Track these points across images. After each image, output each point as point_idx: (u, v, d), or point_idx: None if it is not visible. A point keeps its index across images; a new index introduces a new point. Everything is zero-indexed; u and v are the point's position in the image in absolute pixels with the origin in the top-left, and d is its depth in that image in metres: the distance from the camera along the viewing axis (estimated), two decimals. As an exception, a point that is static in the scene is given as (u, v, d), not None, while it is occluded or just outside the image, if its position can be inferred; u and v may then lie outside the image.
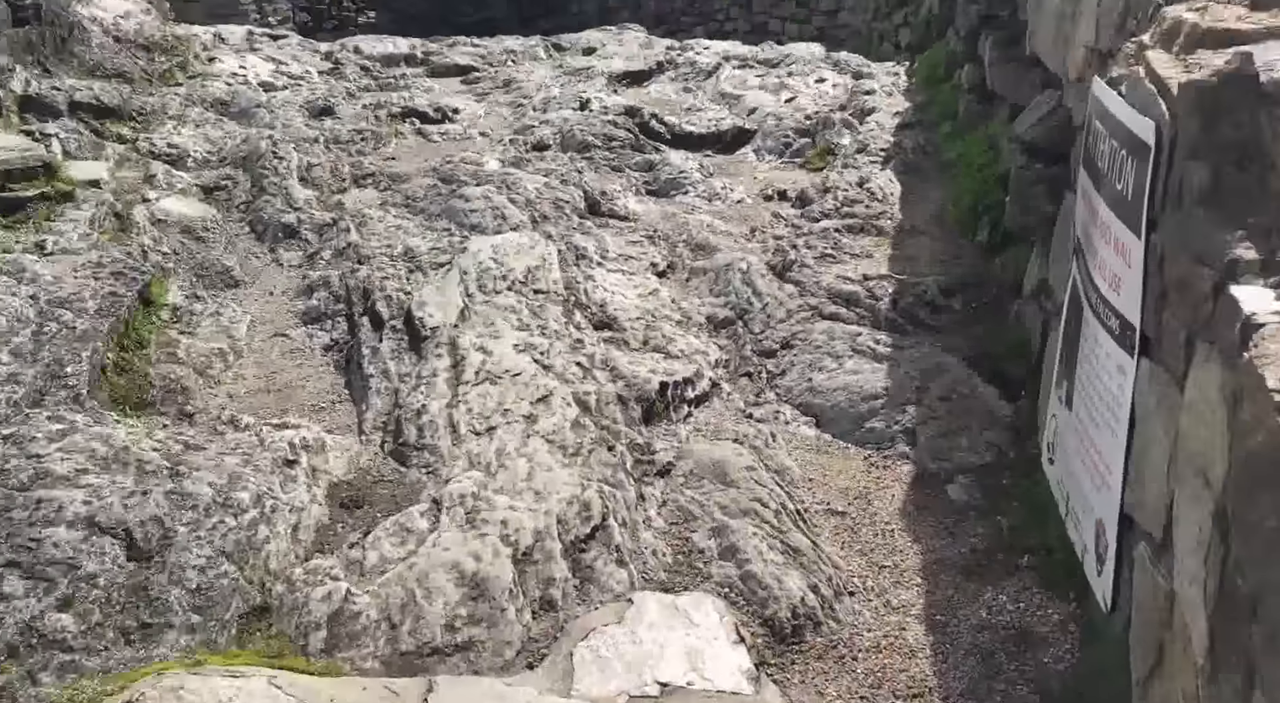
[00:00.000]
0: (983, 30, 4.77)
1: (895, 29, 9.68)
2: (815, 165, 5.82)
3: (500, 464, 3.00)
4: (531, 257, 4.27)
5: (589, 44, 9.73)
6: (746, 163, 6.14)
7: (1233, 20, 2.23)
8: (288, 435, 3.09)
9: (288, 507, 2.73)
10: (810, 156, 5.97)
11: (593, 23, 13.65)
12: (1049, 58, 3.23)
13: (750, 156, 6.25)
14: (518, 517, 2.72)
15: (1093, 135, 2.47)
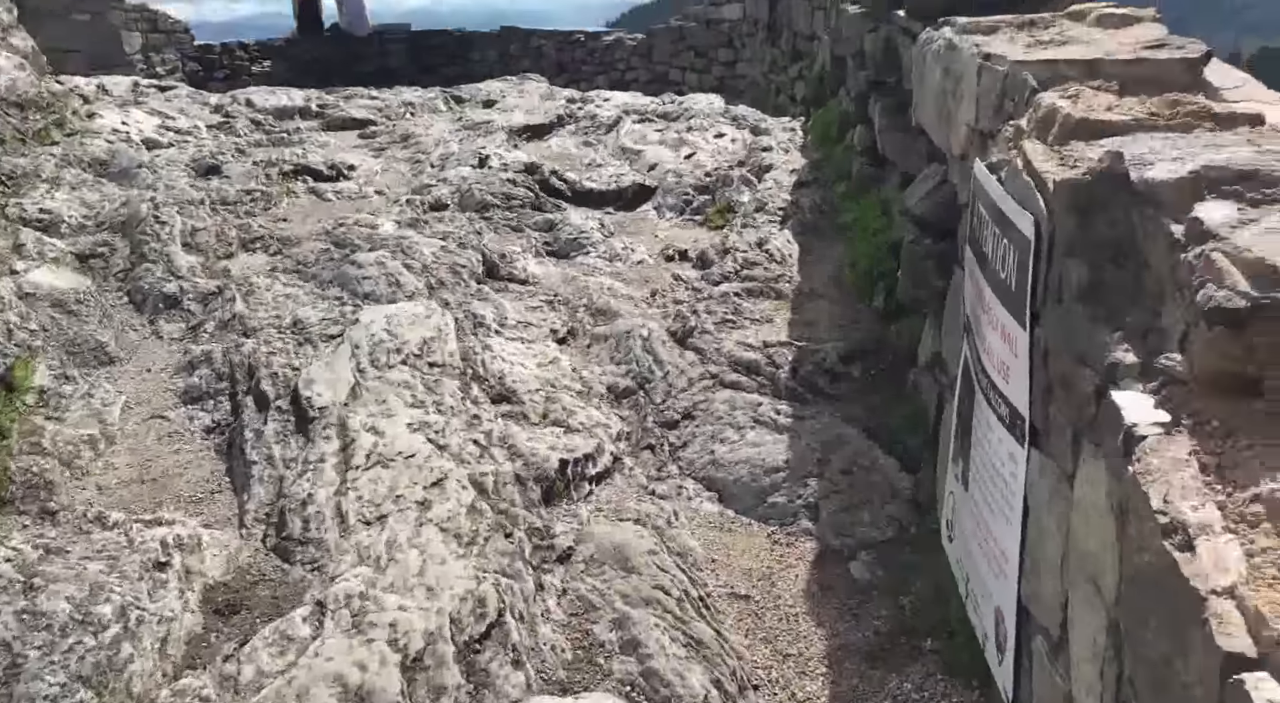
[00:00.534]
0: (872, 94, 4.87)
1: (791, 82, 9.88)
2: (715, 223, 5.85)
3: (391, 558, 2.86)
4: (427, 327, 4.15)
5: (489, 96, 9.68)
6: (648, 220, 6.14)
7: (1103, 110, 2.29)
8: (160, 534, 2.90)
9: (156, 618, 2.54)
10: (710, 214, 6.00)
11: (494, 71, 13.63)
12: (933, 132, 3.29)
13: (651, 214, 6.25)
14: (408, 618, 2.58)
15: (977, 218, 2.50)
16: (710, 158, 6.91)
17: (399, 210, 5.75)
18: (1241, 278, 1.46)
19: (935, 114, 3.23)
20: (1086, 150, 2.06)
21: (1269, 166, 1.79)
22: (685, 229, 5.91)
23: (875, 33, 4.52)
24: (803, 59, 9.55)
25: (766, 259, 4.86)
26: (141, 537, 2.87)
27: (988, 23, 3.30)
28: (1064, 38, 2.95)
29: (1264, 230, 1.58)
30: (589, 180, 6.63)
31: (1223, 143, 2.00)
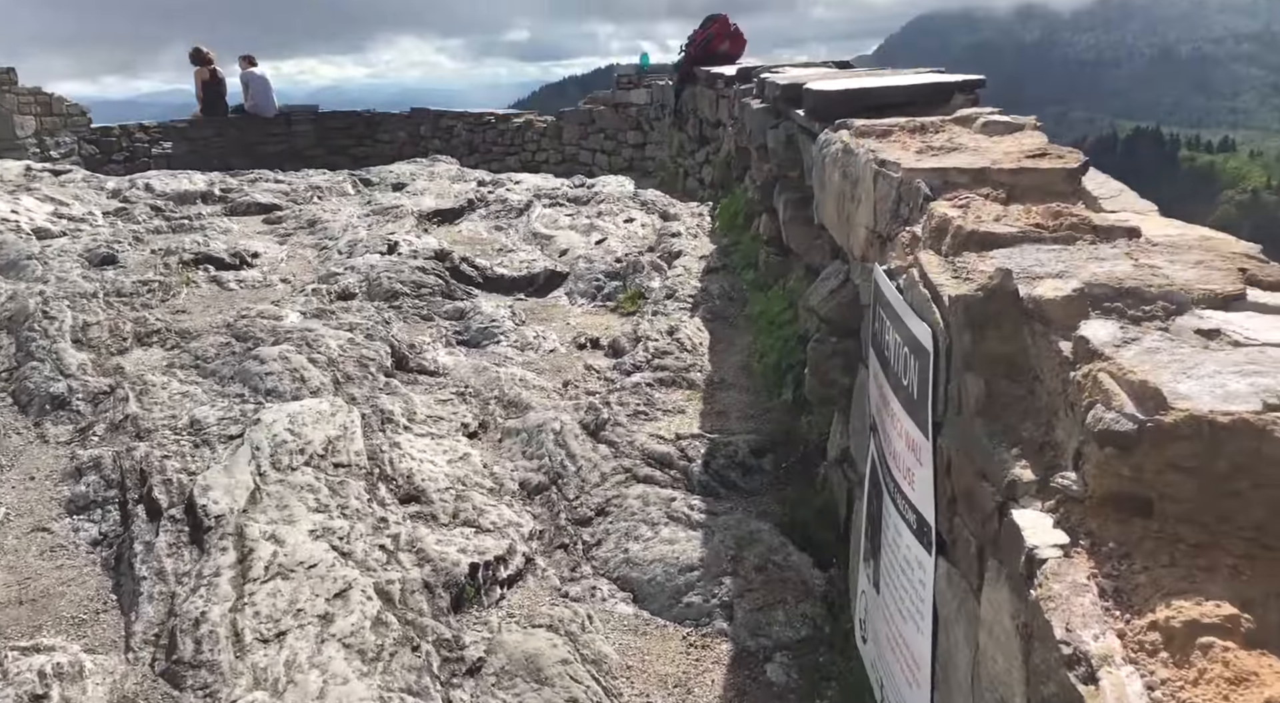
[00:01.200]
0: (776, 185, 5.00)
1: (699, 166, 10.13)
2: (627, 309, 5.88)
3: (290, 680, 2.72)
4: (332, 425, 4.04)
5: (399, 178, 9.69)
6: (560, 307, 6.15)
7: (991, 221, 2.38)
8: (38, 663, 2.71)
9: (31, 763, 2.36)
10: (622, 301, 6.04)
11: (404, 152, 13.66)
12: (835, 231, 3.38)
13: (563, 300, 6.26)
14: (308, 748, 2.46)
15: (879, 321, 2.56)
16: (621, 243, 6.99)
17: (305, 300, 5.65)
18: (1128, 400, 1.51)
19: (836, 214, 3.32)
20: (979, 263, 2.14)
21: (1146, 282, 1.87)
22: (597, 316, 5.93)
23: (777, 128, 4.67)
24: (709, 144, 9.80)
25: (678, 348, 4.89)
26: (17, 667, 2.68)
27: (882, 126, 3.43)
28: (953, 144, 3.08)
29: (1145, 350, 1.65)
30: (500, 266, 6.63)
31: (1104, 256, 2.09)
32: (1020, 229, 2.29)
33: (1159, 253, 2.09)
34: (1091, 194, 2.68)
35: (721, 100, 8.97)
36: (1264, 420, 1.40)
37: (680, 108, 11.16)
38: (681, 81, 11.08)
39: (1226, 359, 1.59)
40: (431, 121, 15.72)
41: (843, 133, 3.50)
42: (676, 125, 11.56)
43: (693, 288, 5.75)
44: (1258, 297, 1.85)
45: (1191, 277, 1.91)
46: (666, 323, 5.24)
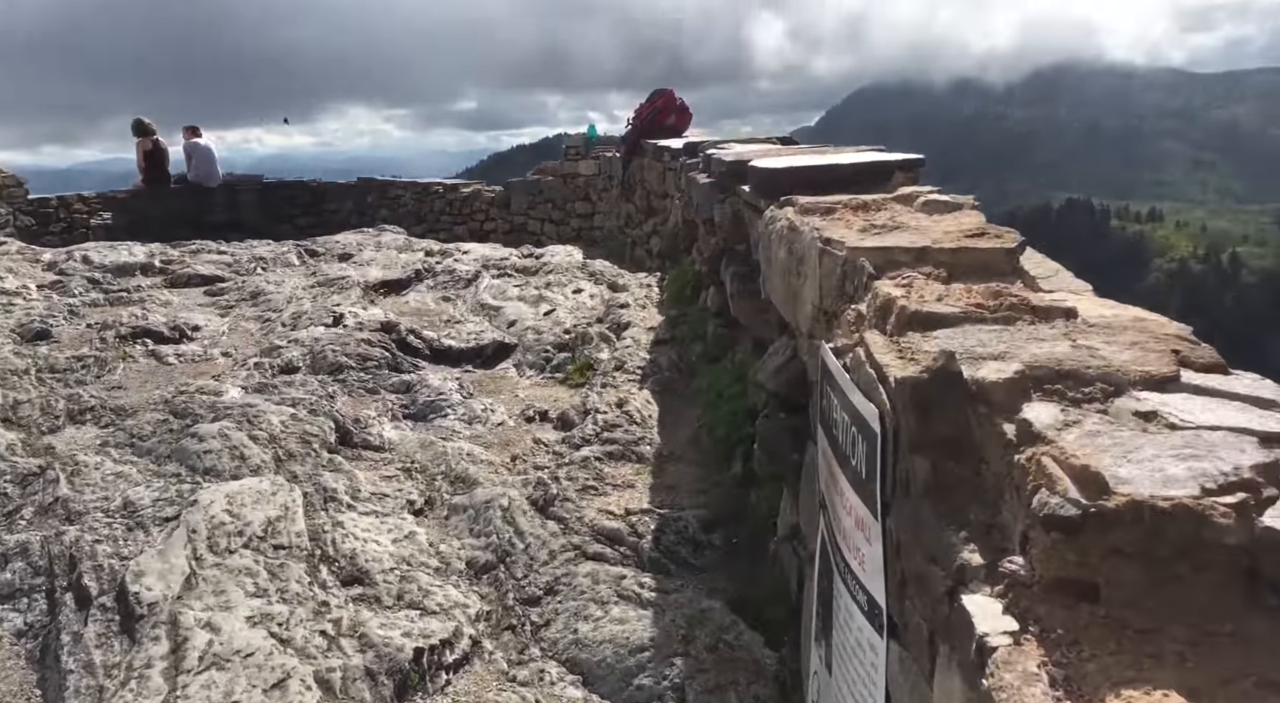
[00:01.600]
0: (723, 259, 5.06)
1: (646, 236, 10.24)
2: (576, 381, 5.87)
3: (224, 779, 2.60)
4: (273, 505, 3.94)
5: (345, 249, 9.64)
6: (508, 379, 6.11)
7: (934, 300, 2.42)
8: (-48, 767, 2.57)
9: None
10: (570, 372, 6.02)
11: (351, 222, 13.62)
12: (782, 307, 3.42)
13: (511, 372, 6.23)
14: None
15: (826, 399, 2.58)
16: (569, 314, 7.00)
17: (246, 374, 5.55)
18: (1071, 485, 1.53)
19: (782, 290, 3.36)
20: (923, 342, 2.17)
21: (1085, 364, 1.91)
22: (546, 388, 5.90)
23: (723, 203, 4.74)
24: (656, 215, 9.93)
25: (627, 421, 4.88)
26: (-72, 773, 2.53)
27: (826, 204, 3.50)
28: (895, 222, 3.16)
29: (1086, 433, 1.67)
30: (448, 338, 6.59)
31: (1043, 337, 2.13)
32: (962, 309, 2.33)
33: (1096, 334, 2.15)
34: (1029, 273, 2.74)
35: (669, 173, 9.12)
36: (1202, 505, 1.42)
37: (628, 179, 11.33)
38: (629, 154, 11.27)
39: (1165, 442, 1.62)
40: (379, 191, 15.72)
41: (788, 210, 3.57)
42: (624, 196, 11.73)
43: (642, 359, 5.76)
44: (1191, 378, 1.90)
45: (1128, 358, 1.96)
46: (615, 395, 5.23)
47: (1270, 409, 1.79)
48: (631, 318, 6.58)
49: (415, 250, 10.18)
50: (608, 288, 7.74)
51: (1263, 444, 1.59)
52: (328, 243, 9.89)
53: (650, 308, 6.94)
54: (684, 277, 6.51)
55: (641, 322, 6.50)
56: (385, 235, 11.27)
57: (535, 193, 15.29)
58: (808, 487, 3.01)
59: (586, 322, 6.78)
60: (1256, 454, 1.56)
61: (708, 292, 5.70)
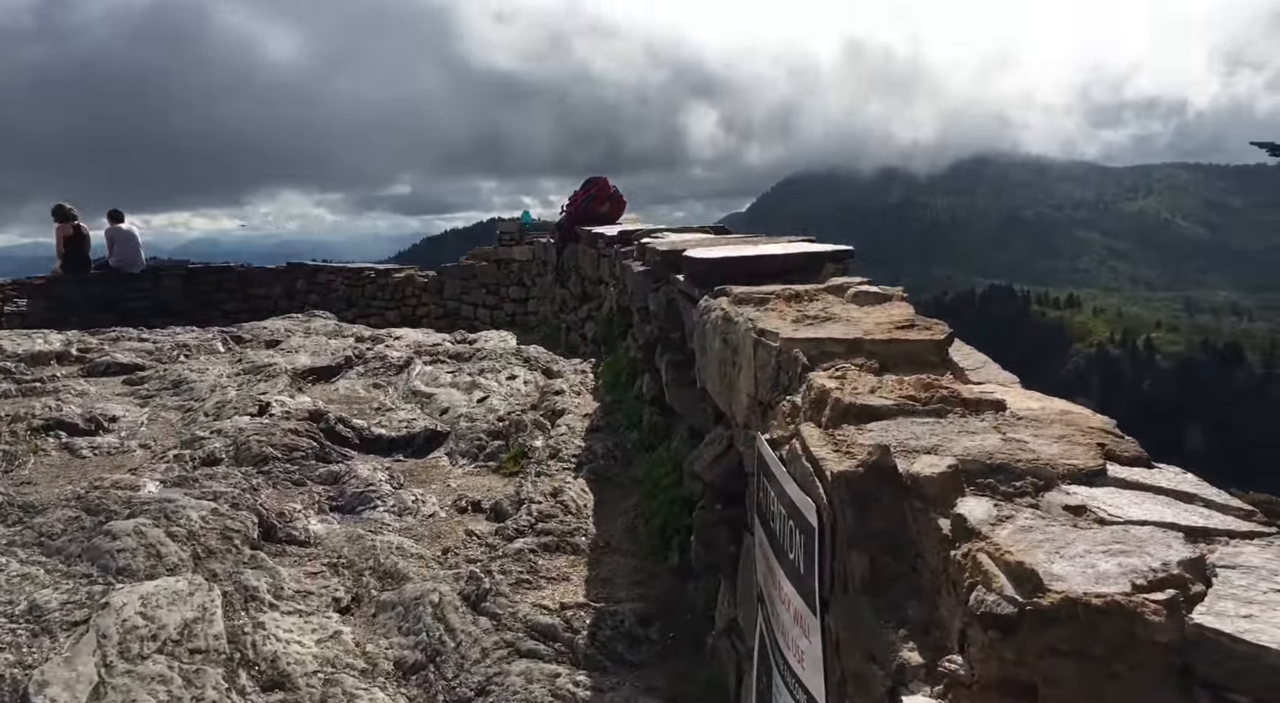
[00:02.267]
0: (658, 347, 5.09)
1: (581, 322, 10.28)
2: (510, 469, 5.78)
3: None
4: (190, 606, 3.76)
5: (273, 335, 9.48)
6: (440, 468, 6.00)
7: (867, 392, 2.45)
8: None
9: None
10: (504, 460, 5.94)
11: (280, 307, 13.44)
12: (717, 397, 3.43)
13: (444, 461, 6.12)
14: None
15: (763, 492, 2.57)
16: (503, 401, 6.94)
17: (165, 467, 5.35)
18: (1007, 582, 1.53)
19: (718, 380, 3.37)
20: (858, 435, 2.18)
21: (1015, 457, 1.94)
22: (479, 477, 5.80)
23: (658, 292, 4.78)
24: (591, 301, 9.99)
25: (562, 511, 4.80)
26: None
27: (759, 294, 3.55)
28: (827, 313, 3.21)
29: (1019, 528, 1.68)
30: (379, 426, 6.47)
31: (974, 430, 2.17)
32: (895, 401, 2.36)
33: (1024, 427, 2.18)
34: (958, 364, 2.80)
35: (603, 259, 9.21)
36: (1134, 602, 1.43)
37: (562, 265, 11.41)
38: (563, 240, 11.37)
39: (1095, 538, 1.63)
40: (308, 276, 15.59)
41: (722, 300, 3.61)
42: (559, 282, 11.79)
43: (577, 447, 5.71)
44: (1117, 472, 1.93)
45: (1056, 452, 1.99)
46: (550, 484, 5.16)
47: (1192, 503, 1.83)
48: (567, 405, 6.55)
49: (346, 336, 10.06)
50: (542, 374, 7.71)
51: (1188, 539, 1.62)
52: (255, 329, 9.71)
53: (585, 394, 6.92)
54: (619, 363, 6.52)
55: (577, 408, 6.47)
56: (315, 321, 11.13)
57: (469, 278, 15.31)
58: (745, 580, 2.97)
59: (521, 409, 6.72)
60: (1183, 550, 1.58)
61: (643, 379, 5.71)
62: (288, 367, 7.81)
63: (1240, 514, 1.82)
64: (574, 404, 6.58)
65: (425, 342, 9.42)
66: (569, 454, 5.62)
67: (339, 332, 10.39)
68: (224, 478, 5.22)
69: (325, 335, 9.98)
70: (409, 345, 9.05)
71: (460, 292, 15.28)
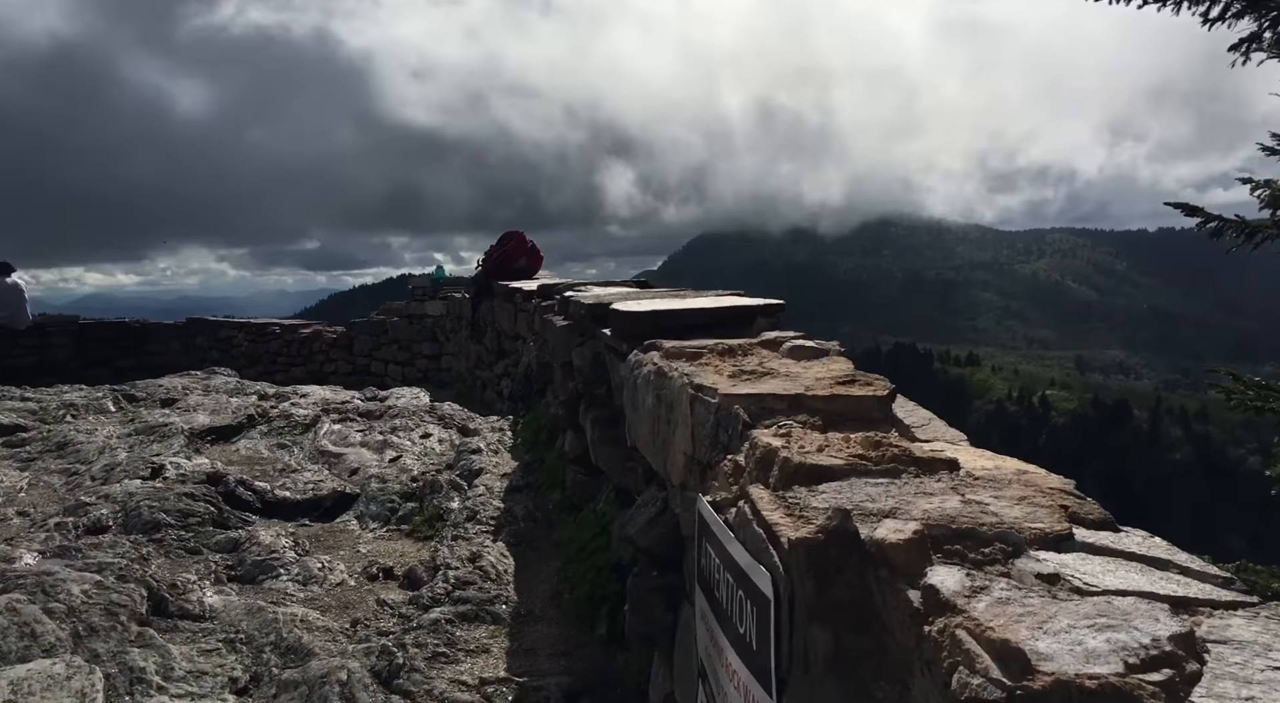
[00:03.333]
0: (582, 403, 4.91)
1: (497, 378, 10.03)
2: (424, 533, 5.50)
3: None
4: (67, 692, 3.39)
5: (169, 393, 9.00)
6: (348, 532, 5.67)
7: (815, 451, 2.32)
8: None
9: None
10: (418, 524, 5.65)
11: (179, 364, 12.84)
12: (650, 456, 3.27)
13: (353, 524, 5.79)
14: None
15: (705, 557, 2.40)
16: (417, 461, 6.65)
17: (45, 536, 4.92)
18: (992, 663, 1.39)
19: (650, 438, 3.22)
20: (810, 498, 2.04)
21: (978, 521, 1.83)
22: (391, 541, 5.50)
23: (583, 347, 4.62)
24: (507, 356, 9.77)
25: (481, 577, 4.55)
26: None
27: (692, 348, 3.42)
28: (765, 368, 3.09)
29: (996, 601, 1.56)
30: (283, 489, 6.11)
31: (931, 491, 2.05)
32: (846, 460, 2.23)
33: (983, 487, 2.08)
34: (903, 421, 2.70)
35: (520, 314, 9.02)
36: (1129, 684, 1.31)
37: (478, 320, 11.17)
38: (479, 295, 11.15)
39: (1077, 610, 1.52)
40: (209, 332, 14.96)
41: (653, 355, 3.47)
42: (474, 337, 11.53)
43: (495, 509, 5.46)
44: (1084, 536, 1.84)
45: (1019, 514, 1.88)
46: (468, 549, 4.90)
47: (1168, 570, 1.75)
48: (484, 464, 6.30)
49: (248, 394, 9.62)
50: (458, 432, 7.44)
51: (1174, 611, 1.52)
52: (150, 387, 9.20)
53: (504, 453, 6.68)
54: (539, 420, 6.31)
55: (495, 468, 6.22)
56: (215, 378, 10.64)
57: (380, 333, 14.91)
58: (684, 652, 2.79)
59: (436, 468, 6.45)
60: (1171, 624, 1.47)
61: (565, 436, 5.51)
62: (184, 426, 7.38)
63: (1218, 582, 1.73)
64: (492, 463, 6.34)
65: (334, 399, 9.05)
66: (487, 516, 5.37)
67: (241, 389, 9.94)
68: (111, 547, 4.81)
69: (226, 393, 9.52)
70: (316, 403, 8.68)
71: (371, 348, 14.84)
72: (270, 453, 7.12)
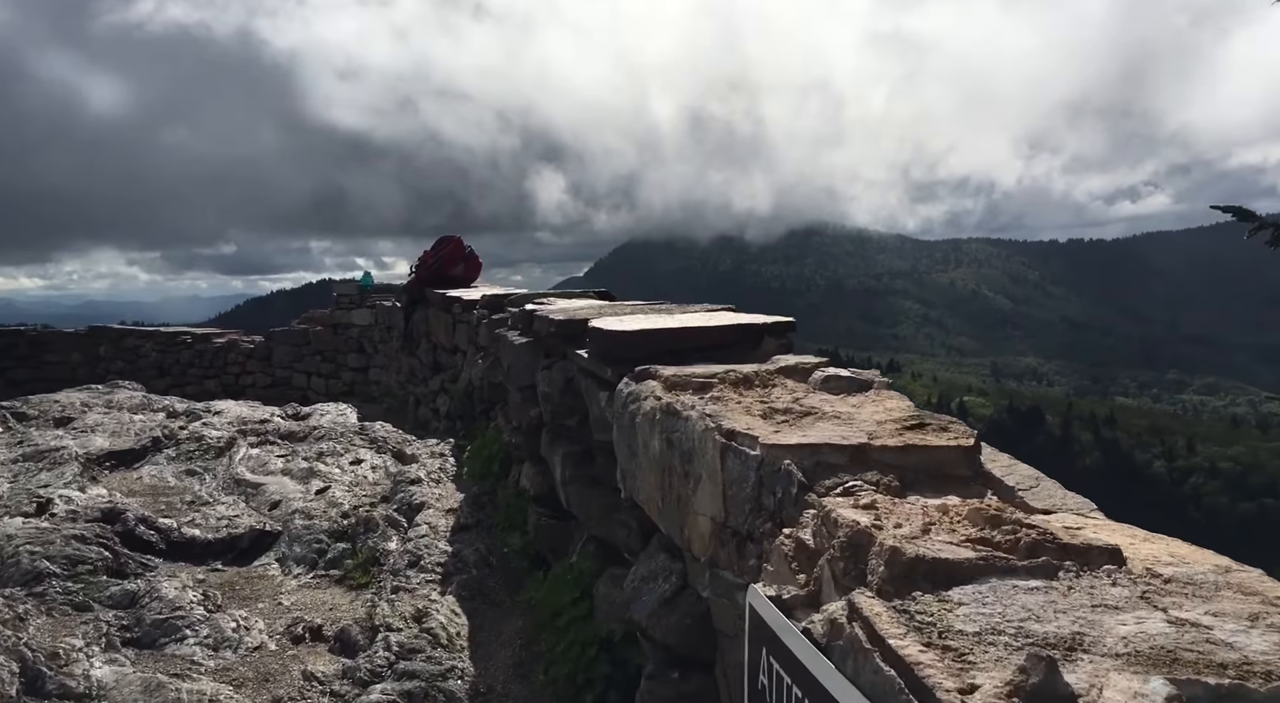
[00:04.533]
0: (545, 432, 4.26)
1: (434, 395, 9.27)
2: (358, 581, 4.77)
3: None
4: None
5: (64, 411, 8.05)
6: (268, 579, 4.91)
7: (922, 532, 1.71)
8: None
9: None
10: (350, 568, 4.92)
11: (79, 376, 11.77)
12: (658, 517, 2.63)
13: (274, 568, 5.04)
14: None
15: (771, 678, 1.77)
16: (347, 493, 5.90)
17: (-107, 597, 4.07)
18: None
19: (658, 494, 2.58)
20: (947, 614, 1.44)
21: (1214, 659, 1.25)
22: (319, 590, 4.76)
23: (551, 370, 3.96)
24: (444, 371, 9.03)
25: (430, 643, 3.85)
26: None
27: (698, 377, 2.81)
28: (803, 406, 2.49)
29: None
30: (191, 526, 5.33)
31: (1113, 602, 1.47)
32: (974, 550, 1.64)
33: (1184, 596, 1.50)
34: (1001, 479, 2.12)
35: (460, 325, 8.30)
36: None
37: (411, 331, 10.37)
38: (412, 303, 10.35)
39: None
40: (114, 341, 13.81)
41: (652, 384, 2.84)
42: (407, 350, 10.71)
43: (442, 552, 4.76)
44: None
45: (1265, 648, 1.31)
46: (412, 604, 4.19)
47: None
48: (425, 497, 5.58)
49: (155, 411, 8.71)
50: (393, 458, 6.69)
51: None
52: (44, 403, 8.22)
53: (447, 483, 5.96)
54: (489, 448, 5.61)
55: (438, 501, 5.51)
56: (119, 393, 9.66)
57: (302, 343, 13.93)
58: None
59: (370, 501, 5.71)
60: None
61: (521, 468, 4.84)
62: (80, 451, 6.49)
63: None
64: (434, 496, 5.62)
65: (251, 417, 8.20)
66: (433, 562, 4.66)
67: (147, 405, 9.00)
68: (-25, 609, 3.99)
69: (130, 410, 8.60)
70: (231, 422, 7.83)
71: (291, 359, 13.85)
72: (178, 481, 6.29)
